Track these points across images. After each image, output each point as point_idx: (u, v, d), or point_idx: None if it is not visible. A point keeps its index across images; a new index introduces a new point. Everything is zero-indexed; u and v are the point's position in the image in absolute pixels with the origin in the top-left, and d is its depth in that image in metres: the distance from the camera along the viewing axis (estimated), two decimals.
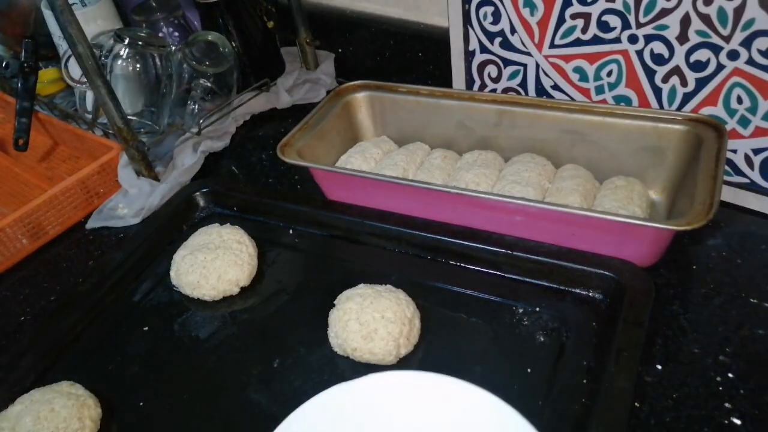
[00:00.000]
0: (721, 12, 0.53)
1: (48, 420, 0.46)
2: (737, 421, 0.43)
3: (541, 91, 0.68)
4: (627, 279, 0.51)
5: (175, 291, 0.60)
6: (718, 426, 0.43)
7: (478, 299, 0.55)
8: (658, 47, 0.58)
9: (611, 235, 0.53)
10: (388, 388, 0.42)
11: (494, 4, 0.66)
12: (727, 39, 0.54)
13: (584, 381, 0.46)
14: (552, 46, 0.65)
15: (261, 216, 0.67)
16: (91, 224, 0.71)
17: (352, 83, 0.73)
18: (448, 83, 0.75)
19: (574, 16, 0.62)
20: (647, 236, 0.51)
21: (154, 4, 0.87)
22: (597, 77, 0.64)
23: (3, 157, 0.85)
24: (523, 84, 0.69)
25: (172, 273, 0.60)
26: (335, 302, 0.53)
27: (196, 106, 0.80)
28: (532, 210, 0.54)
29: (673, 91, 0.60)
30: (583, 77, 0.64)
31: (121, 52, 0.75)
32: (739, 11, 0.52)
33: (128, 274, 0.62)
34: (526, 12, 0.64)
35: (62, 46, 0.81)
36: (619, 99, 0.63)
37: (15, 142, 0.78)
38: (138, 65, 0.76)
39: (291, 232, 0.65)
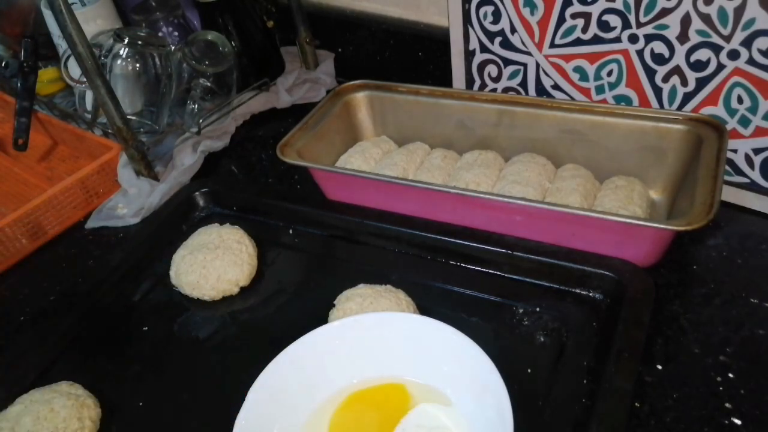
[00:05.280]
0: (722, 12, 0.53)
1: (48, 420, 0.46)
2: (737, 421, 0.43)
3: (541, 90, 0.68)
4: (627, 279, 0.51)
5: (174, 291, 0.60)
6: (719, 426, 0.43)
7: (478, 299, 0.55)
8: (659, 47, 0.58)
9: (611, 235, 0.53)
10: (363, 326, 0.48)
11: (494, 4, 0.66)
12: (727, 39, 0.54)
13: (584, 381, 0.46)
14: (552, 45, 0.65)
15: (261, 216, 0.67)
16: (90, 224, 0.70)
17: (352, 83, 0.73)
18: (448, 83, 0.75)
19: (574, 16, 0.61)
20: (648, 236, 0.51)
21: (153, 3, 0.87)
22: (597, 77, 0.64)
23: (2, 156, 0.85)
24: (524, 84, 0.69)
25: (171, 273, 0.60)
26: (335, 302, 0.53)
27: (196, 106, 0.80)
28: (533, 210, 0.54)
29: (673, 91, 0.60)
30: (584, 77, 0.64)
31: (121, 52, 0.75)
32: (739, 11, 0.52)
33: (128, 274, 0.62)
34: (526, 11, 0.64)
35: (62, 45, 0.80)
36: (619, 99, 0.63)
37: (14, 142, 0.78)
38: (137, 65, 0.76)
39: (291, 232, 0.65)
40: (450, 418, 0.44)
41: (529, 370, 0.48)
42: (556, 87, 0.67)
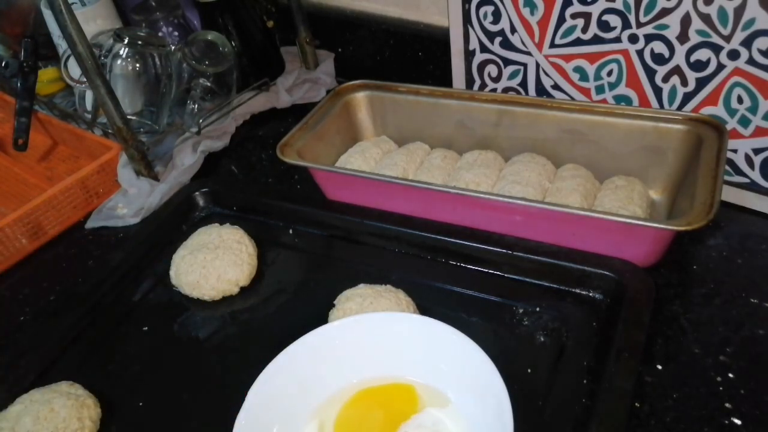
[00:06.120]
0: (722, 12, 0.53)
1: (47, 420, 0.46)
2: (737, 421, 0.43)
3: (541, 90, 0.68)
4: (627, 279, 0.51)
5: (174, 291, 0.60)
6: (719, 426, 0.43)
7: (478, 299, 0.55)
8: (659, 47, 0.58)
9: (611, 235, 0.53)
10: (362, 326, 0.48)
11: (494, 4, 0.66)
12: (727, 39, 0.54)
13: (584, 381, 0.46)
14: (552, 45, 0.65)
15: (261, 216, 0.67)
16: (90, 224, 0.70)
17: (352, 83, 0.73)
18: (448, 83, 0.75)
19: (574, 16, 0.61)
20: (648, 236, 0.51)
21: (153, 3, 0.87)
22: (597, 77, 0.64)
23: (2, 156, 0.85)
24: (524, 83, 0.69)
25: (171, 273, 0.60)
26: (335, 302, 0.53)
27: (196, 106, 0.80)
28: (533, 210, 0.54)
29: (673, 91, 0.60)
30: (584, 77, 0.64)
31: (121, 52, 0.75)
32: (739, 11, 0.52)
33: (128, 274, 0.62)
34: (526, 11, 0.64)
35: (62, 45, 0.80)
36: (619, 99, 0.63)
37: (14, 142, 0.78)
38: (137, 65, 0.76)
39: (291, 232, 0.65)
40: (450, 419, 0.44)
41: (529, 370, 0.48)
42: (556, 87, 0.67)
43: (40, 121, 0.84)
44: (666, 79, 0.59)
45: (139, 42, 0.75)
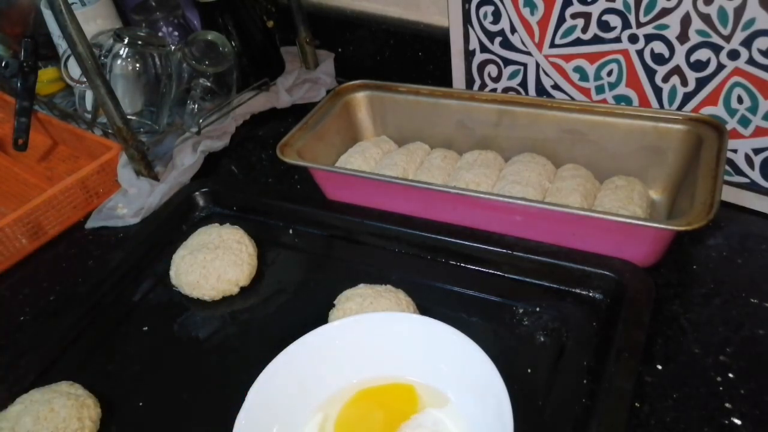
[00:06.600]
0: (722, 12, 0.53)
1: (47, 420, 0.46)
2: (737, 421, 0.43)
3: (541, 90, 0.68)
4: (627, 279, 0.51)
5: (174, 291, 0.60)
6: (719, 426, 0.43)
7: (478, 299, 0.55)
8: (659, 47, 0.58)
9: (612, 235, 0.53)
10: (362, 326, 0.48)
11: (494, 4, 0.66)
12: (727, 39, 0.54)
13: (584, 381, 0.46)
14: (552, 45, 0.65)
15: (261, 216, 0.67)
16: (90, 224, 0.70)
17: (352, 83, 0.73)
18: (448, 83, 0.75)
19: (574, 16, 0.61)
20: (648, 236, 0.51)
21: (153, 3, 0.87)
22: (597, 77, 0.64)
23: (2, 156, 0.85)
24: (524, 84, 0.69)
25: (171, 273, 0.60)
26: (335, 302, 0.53)
27: (196, 106, 0.80)
28: (533, 210, 0.54)
29: (673, 91, 0.60)
30: (584, 77, 0.64)
31: (121, 52, 0.75)
32: (739, 11, 0.52)
33: (128, 274, 0.62)
34: (526, 11, 0.64)
35: (61, 45, 0.80)
36: (619, 99, 0.63)
37: (14, 142, 0.78)
38: (137, 65, 0.76)
39: (291, 232, 0.65)
40: (450, 419, 0.44)
41: (529, 370, 0.48)
42: (556, 87, 0.67)
43: (40, 121, 0.84)
44: (666, 79, 0.59)
45: (139, 42, 0.75)
